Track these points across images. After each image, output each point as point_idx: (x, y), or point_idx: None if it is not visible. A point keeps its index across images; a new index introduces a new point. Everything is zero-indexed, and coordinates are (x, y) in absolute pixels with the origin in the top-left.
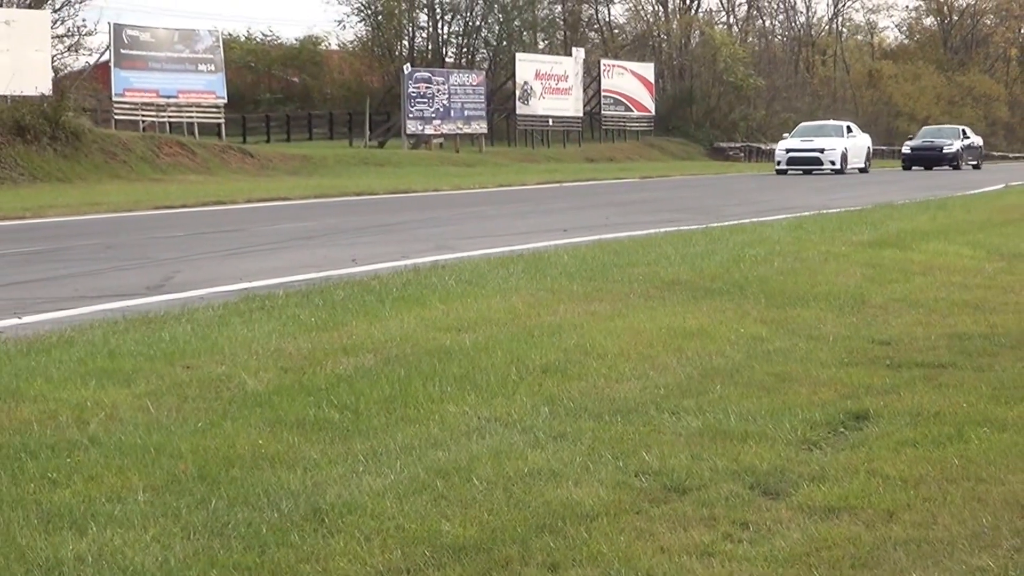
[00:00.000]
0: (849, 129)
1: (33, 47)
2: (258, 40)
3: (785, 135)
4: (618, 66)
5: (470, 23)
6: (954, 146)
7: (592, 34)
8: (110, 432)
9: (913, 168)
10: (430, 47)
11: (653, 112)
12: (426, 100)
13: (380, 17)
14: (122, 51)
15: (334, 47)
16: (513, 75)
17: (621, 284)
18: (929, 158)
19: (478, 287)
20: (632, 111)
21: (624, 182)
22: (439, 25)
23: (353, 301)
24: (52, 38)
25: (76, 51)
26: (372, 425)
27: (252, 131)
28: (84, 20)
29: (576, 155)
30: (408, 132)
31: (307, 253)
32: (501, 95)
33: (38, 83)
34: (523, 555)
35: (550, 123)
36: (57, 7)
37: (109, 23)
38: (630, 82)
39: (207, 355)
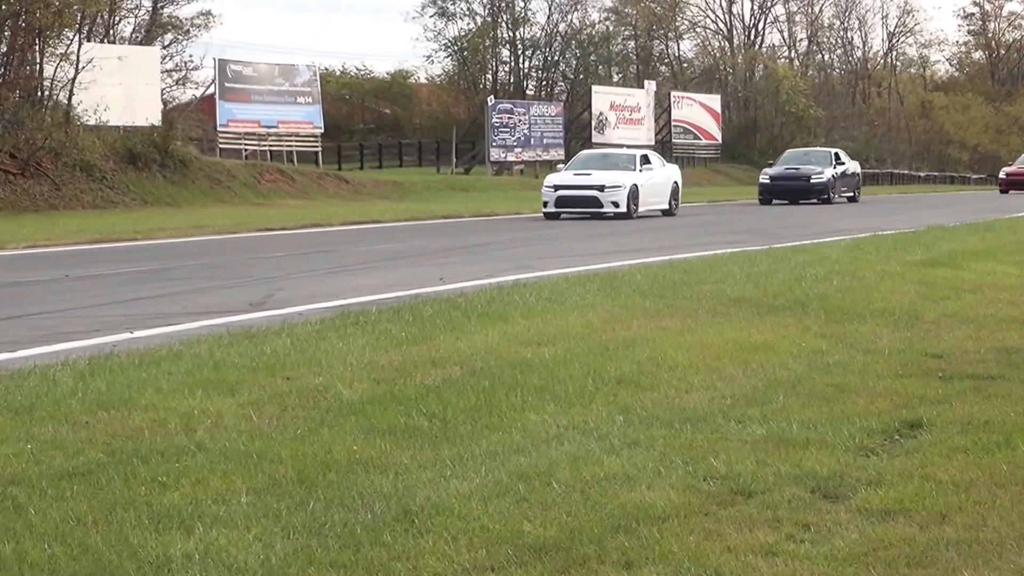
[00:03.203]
0: (646, 160)
1: (144, 81)
2: (352, 74)
3: (560, 166)
4: (687, 98)
5: (549, 58)
6: (824, 174)
7: (663, 68)
8: (215, 439)
9: (774, 202)
10: (512, 80)
11: (720, 140)
12: (508, 129)
13: (466, 53)
14: (226, 84)
15: (423, 80)
16: (589, 106)
17: (690, 301)
18: (793, 189)
19: (557, 304)
20: (700, 139)
21: (692, 206)
22: (520, 60)
23: (441, 317)
24: (161, 72)
25: (183, 84)
26: (459, 432)
27: (347, 159)
28: (191, 56)
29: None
30: (491, 159)
31: (398, 272)
32: (578, 125)
33: (148, 114)
34: (599, 554)
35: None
36: (166, 44)
37: (214, 59)
38: (698, 112)
39: (306, 367)
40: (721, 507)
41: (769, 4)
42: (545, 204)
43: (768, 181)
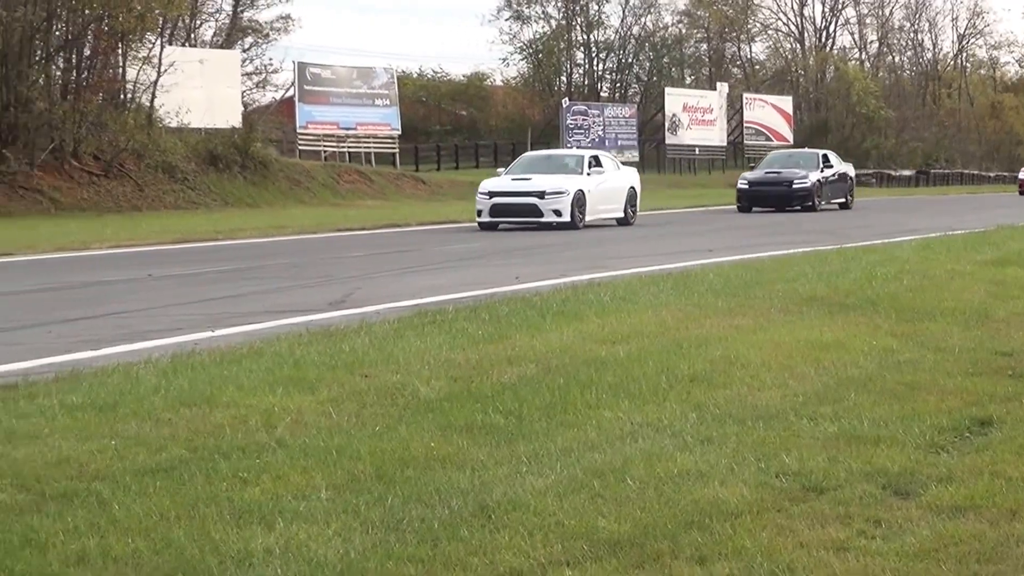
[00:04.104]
0: (596, 162)
1: (225, 84)
2: (429, 77)
3: (500, 170)
4: (759, 99)
5: (623, 60)
6: (808, 179)
7: (735, 70)
8: (295, 435)
9: (754, 209)
10: (586, 82)
11: (791, 141)
12: (583, 131)
13: (541, 55)
14: (305, 87)
15: (498, 83)
16: (662, 108)
17: (762, 300)
18: (774, 195)
19: (630, 302)
20: (772, 140)
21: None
22: (595, 62)
23: (517, 316)
24: (242, 75)
25: (263, 87)
26: (534, 429)
27: (424, 160)
28: (271, 59)
29: (720, 181)
30: None
31: (474, 272)
32: (651, 126)
33: (229, 117)
34: (673, 549)
35: (696, 152)
36: (246, 47)
37: (294, 62)
38: (770, 114)
39: (384, 365)
40: (793, 503)
41: (840, 6)
42: (479, 213)
43: (746, 186)
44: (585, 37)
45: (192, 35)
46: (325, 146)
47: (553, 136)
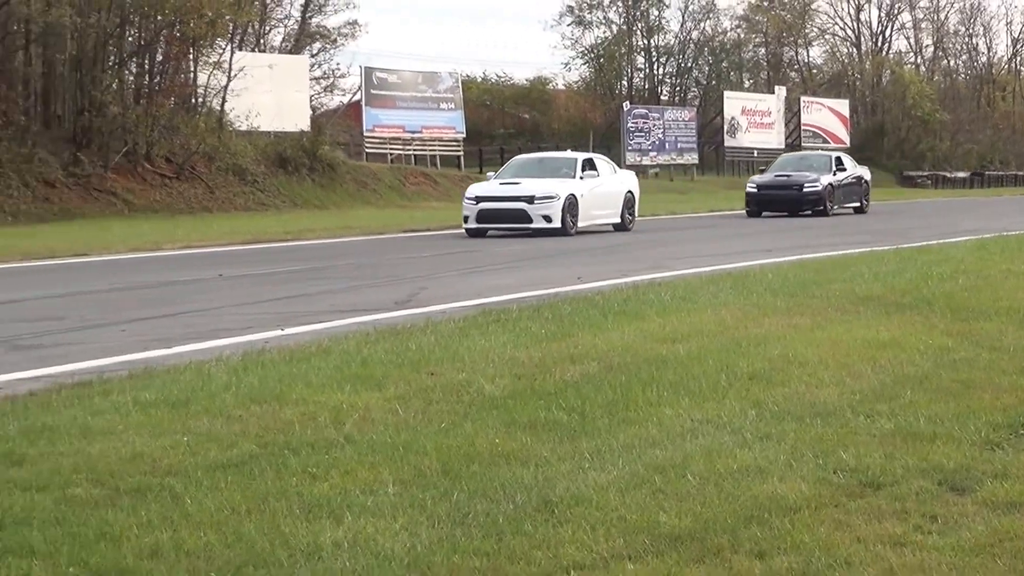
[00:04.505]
0: (590, 165)
1: (293, 88)
2: (493, 81)
3: (489, 174)
4: (816, 102)
5: (683, 64)
6: (819, 182)
7: (792, 74)
8: (363, 431)
9: (764, 214)
10: (647, 86)
11: (848, 144)
12: (643, 134)
13: (602, 60)
14: (372, 91)
15: (561, 87)
16: (721, 111)
17: (820, 300)
18: (784, 200)
19: (690, 302)
20: (829, 143)
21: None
22: (655, 66)
23: (579, 315)
24: (310, 80)
25: (331, 91)
26: (596, 426)
27: (488, 162)
28: (338, 64)
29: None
30: (627, 163)
31: (537, 272)
32: (710, 129)
33: (298, 120)
34: (733, 544)
35: (755, 154)
36: (314, 52)
37: (361, 67)
38: (827, 117)
39: (449, 363)
40: (851, 499)
41: (896, 12)
42: (465, 219)
43: (755, 190)
44: (645, 42)
45: (261, 41)
46: (391, 149)
47: (614, 139)
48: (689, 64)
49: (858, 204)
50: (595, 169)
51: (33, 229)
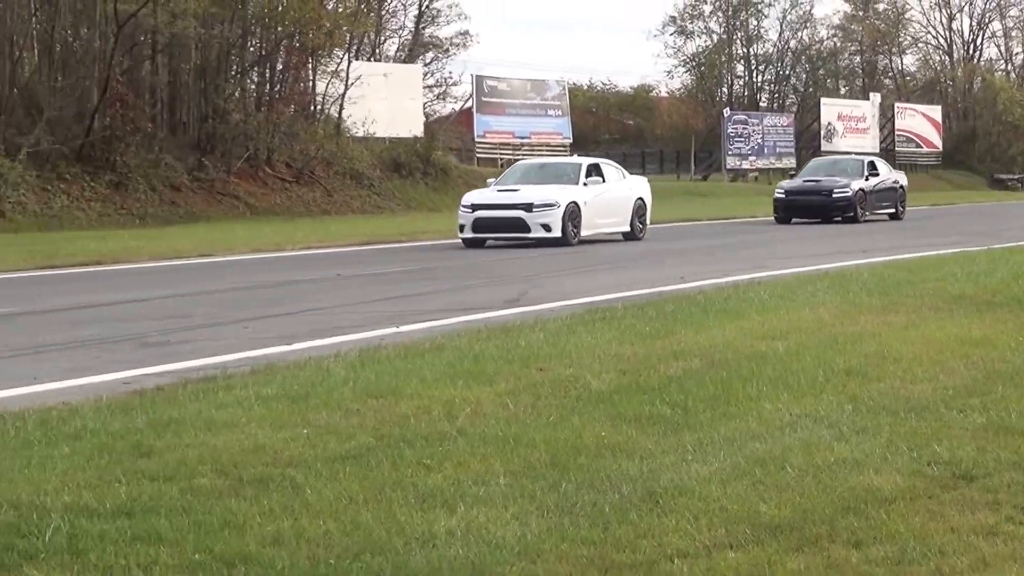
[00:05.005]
0: (596, 170)
1: (407, 96)
2: (598, 88)
3: (490, 180)
4: (910, 108)
5: (781, 72)
6: (849, 188)
7: (887, 81)
8: (475, 425)
9: (793, 221)
10: (746, 93)
11: (940, 148)
12: (743, 139)
13: (703, 68)
14: (483, 99)
15: (663, 94)
16: (818, 117)
17: (914, 298)
18: (813, 205)
19: (789, 300)
20: (922, 147)
21: (915, 209)
22: (754, 74)
23: (682, 313)
24: (423, 88)
25: (443, 99)
26: (699, 420)
27: None
28: (450, 72)
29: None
30: (728, 167)
31: (640, 272)
32: (808, 134)
33: (412, 126)
34: (830, 533)
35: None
36: (428, 61)
37: (472, 75)
38: (920, 122)
39: (557, 359)
40: (944, 490)
41: (986, 20)
42: (461, 228)
43: (783, 196)
44: (745, 51)
45: (377, 50)
46: (501, 153)
47: (715, 144)
48: (787, 72)
49: (893, 210)
50: (600, 175)
51: (160, 231)
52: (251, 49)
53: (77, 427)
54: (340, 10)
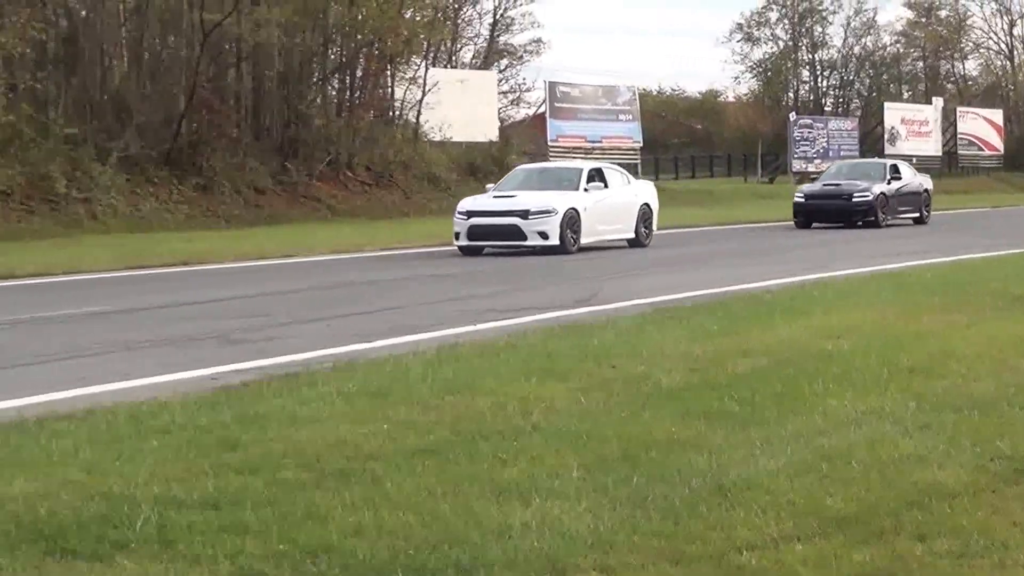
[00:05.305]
0: (597, 176)
1: (483, 101)
2: (667, 94)
3: (489, 186)
4: (971, 112)
5: (845, 77)
6: (870, 192)
7: (949, 85)
8: (549, 420)
9: (814, 225)
10: (812, 98)
11: (1001, 151)
12: (808, 143)
13: (770, 73)
14: (555, 104)
15: (731, 99)
16: (882, 121)
17: (976, 298)
18: (832, 210)
19: (853, 300)
20: (983, 151)
21: (976, 211)
22: (819, 79)
23: (749, 312)
24: (498, 93)
25: (518, 104)
26: (766, 416)
27: (663, 170)
28: (524, 78)
29: (935, 188)
30: (794, 170)
31: (708, 272)
32: (871, 138)
33: (487, 131)
34: (895, 527)
35: (913, 161)
36: (502, 68)
37: (545, 81)
38: (982, 126)
39: (628, 357)
40: (1007, 485)
41: None
42: (456, 236)
43: (803, 200)
44: (810, 56)
45: (453, 57)
46: (573, 157)
47: (781, 147)
48: (851, 77)
49: (917, 215)
50: (603, 180)
51: (244, 232)
52: (332, 57)
53: (166, 421)
54: (418, 19)
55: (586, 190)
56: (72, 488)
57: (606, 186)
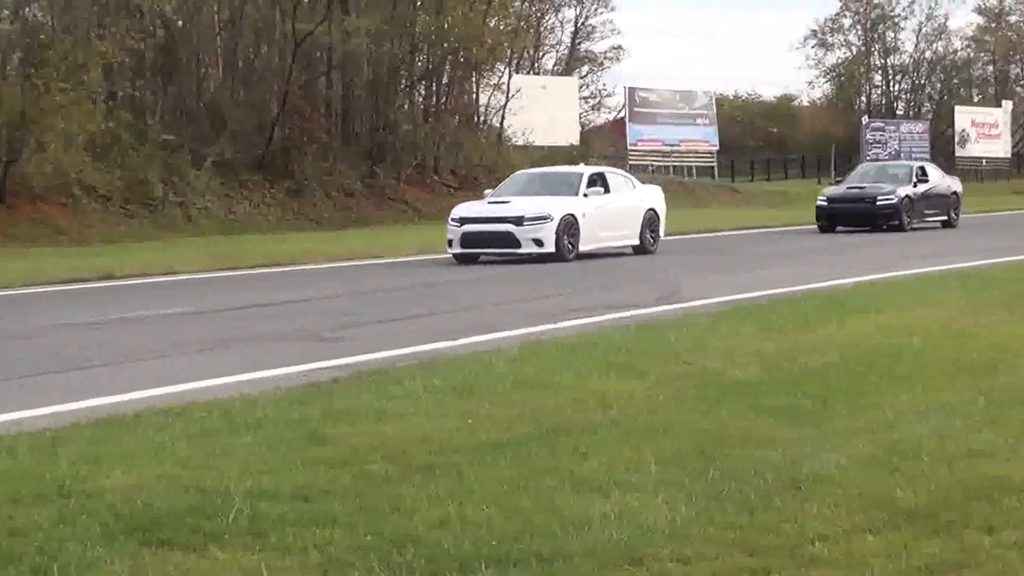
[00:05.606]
0: (599, 180)
1: (564, 107)
2: (743, 98)
3: (487, 192)
4: None
5: (916, 82)
6: (894, 195)
7: (1018, 88)
8: (627, 415)
9: (838, 229)
10: (883, 101)
11: None
12: (880, 145)
13: (843, 78)
14: (635, 109)
15: (805, 103)
16: (952, 124)
17: None
18: (856, 213)
19: (921, 298)
20: None
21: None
22: (891, 84)
23: (820, 309)
24: (579, 99)
25: (598, 109)
26: (837, 411)
27: (739, 172)
28: (604, 84)
29: (1004, 189)
30: None
31: (781, 270)
32: (942, 140)
33: (568, 136)
34: (963, 519)
35: (983, 163)
36: (583, 74)
37: (624, 87)
38: None
39: (703, 353)
40: None
41: None
42: (450, 243)
43: (825, 203)
44: (882, 61)
45: (536, 64)
46: (652, 160)
47: (854, 150)
48: (922, 81)
49: (945, 218)
50: (604, 185)
51: (334, 234)
52: (419, 64)
53: (257, 417)
54: (502, 27)
55: (586, 195)
56: (167, 481)
57: (607, 191)
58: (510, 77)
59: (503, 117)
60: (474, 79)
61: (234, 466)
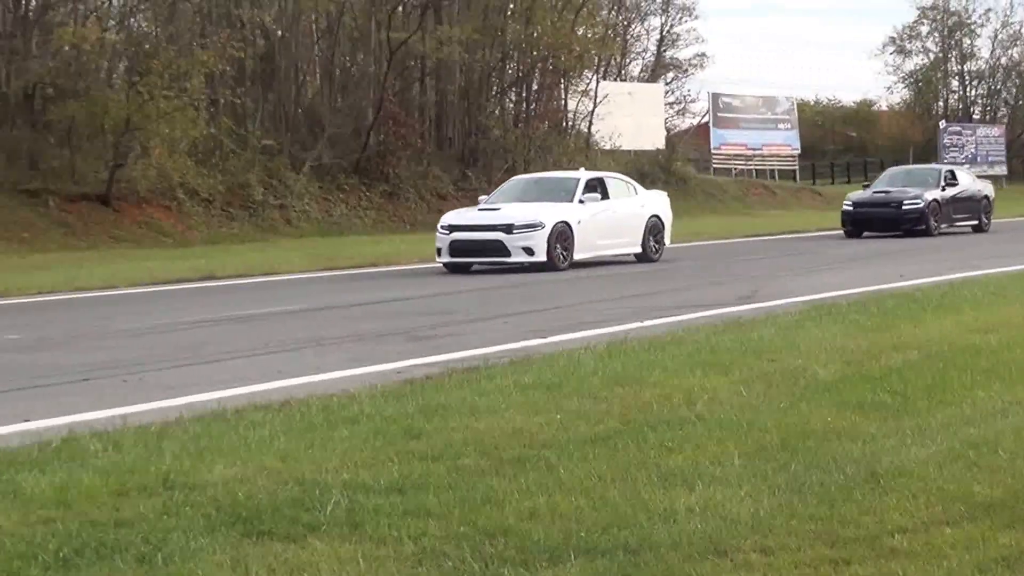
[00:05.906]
0: (598, 186)
1: (650, 112)
2: (824, 103)
3: (482, 197)
4: None
5: (992, 87)
6: (921, 199)
7: None
8: (712, 410)
9: (864, 234)
10: (960, 106)
11: None
12: (957, 148)
13: (920, 84)
14: (719, 114)
15: (883, 108)
16: None
17: None
18: (882, 218)
19: (1001, 297)
20: None
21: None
22: (967, 89)
23: (901, 308)
24: (665, 105)
25: (683, 115)
26: (917, 407)
27: (820, 175)
28: (689, 90)
29: None
30: None
31: (862, 271)
32: (1017, 144)
33: (654, 140)
34: None
35: None
36: (668, 81)
37: (708, 93)
38: None
39: (786, 351)
40: None
41: None
42: (439, 252)
43: (851, 208)
44: (959, 67)
45: (622, 71)
46: (735, 164)
47: (932, 154)
48: (998, 86)
49: (976, 222)
50: (603, 190)
51: (428, 236)
52: (509, 71)
53: (355, 412)
54: (589, 36)
55: (582, 201)
56: (268, 474)
57: (606, 197)
58: (597, 83)
59: (591, 122)
60: (562, 86)
61: (332, 459)
